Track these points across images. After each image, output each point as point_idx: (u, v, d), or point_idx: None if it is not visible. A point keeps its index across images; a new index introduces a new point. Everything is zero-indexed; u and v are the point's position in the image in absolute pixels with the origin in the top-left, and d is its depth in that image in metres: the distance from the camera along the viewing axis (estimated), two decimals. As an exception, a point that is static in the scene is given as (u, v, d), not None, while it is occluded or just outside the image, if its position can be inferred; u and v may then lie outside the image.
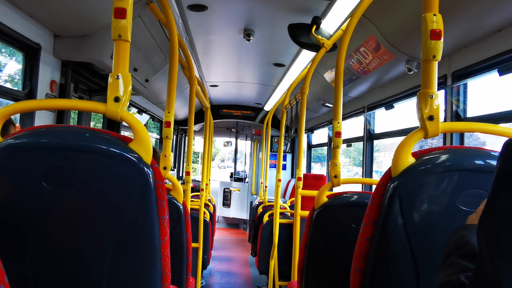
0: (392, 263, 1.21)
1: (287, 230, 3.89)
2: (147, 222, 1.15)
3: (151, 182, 1.14)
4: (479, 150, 1.19)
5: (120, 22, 1.18)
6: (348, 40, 2.10)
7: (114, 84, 1.18)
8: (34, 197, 1.10)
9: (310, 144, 7.38)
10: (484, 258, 0.50)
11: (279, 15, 3.03)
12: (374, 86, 3.75)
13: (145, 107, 5.34)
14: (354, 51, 3.12)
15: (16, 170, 1.09)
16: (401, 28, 2.51)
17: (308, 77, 2.98)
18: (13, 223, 1.10)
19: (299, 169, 3.04)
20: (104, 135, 1.15)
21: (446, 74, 2.61)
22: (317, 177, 4.73)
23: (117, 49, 1.20)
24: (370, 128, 4.20)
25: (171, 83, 2.13)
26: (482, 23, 2.14)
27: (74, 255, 1.14)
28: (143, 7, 2.60)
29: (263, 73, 5.17)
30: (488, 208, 0.53)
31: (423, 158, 1.19)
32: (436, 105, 1.24)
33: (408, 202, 1.16)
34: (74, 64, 2.99)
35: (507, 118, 2.24)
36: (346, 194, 2.00)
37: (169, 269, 1.25)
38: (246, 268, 5.93)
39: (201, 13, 3.05)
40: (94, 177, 1.12)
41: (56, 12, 2.34)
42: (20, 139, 1.09)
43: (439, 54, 1.23)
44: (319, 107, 5.33)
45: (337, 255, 1.99)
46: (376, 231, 1.20)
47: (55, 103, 1.53)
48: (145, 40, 3.25)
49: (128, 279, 1.18)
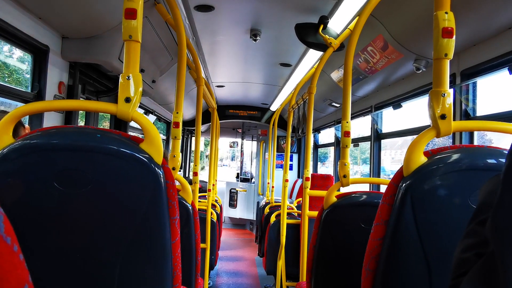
0: (404, 263, 1.20)
1: (295, 231, 3.88)
2: (158, 222, 1.15)
3: (162, 182, 1.14)
4: (492, 149, 1.18)
5: (131, 23, 1.18)
6: (357, 39, 2.09)
7: (125, 84, 1.18)
8: (45, 198, 1.10)
9: (317, 144, 7.37)
10: (493, 250, 0.50)
11: (286, 15, 3.03)
12: (381, 86, 3.74)
13: (152, 108, 5.35)
14: (361, 51, 3.11)
15: (28, 171, 1.09)
16: (409, 27, 2.49)
17: (316, 77, 2.97)
18: (25, 224, 1.10)
19: (307, 169, 3.03)
20: (115, 136, 1.15)
21: (455, 73, 2.59)
22: (324, 177, 4.71)
23: (128, 50, 1.20)
24: (377, 127, 4.18)
25: (179, 84, 2.13)
26: (491, 21, 2.12)
27: (85, 255, 1.14)
28: (150, 8, 2.61)
29: (270, 73, 5.16)
30: (498, 203, 0.52)
31: (435, 157, 1.18)
32: (448, 103, 1.23)
33: (420, 201, 1.15)
34: (82, 66, 3.00)
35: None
36: (355, 194, 1.99)
37: (179, 269, 1.25)
38: (253, 269, 5.93)
39: (208, 14, 3.05)
40: (105, 178, 1.12)
41: (64, 14, 2.35)
42: (32, 140, 1.10)
43: (451, 52, 1.22)
44: (326, 107, 5.31)
45: (346, 255, 1.98)
46: (388, 231, 1.19)
47: (65, 104, 1.53)
48: (152, 41, 3.26)
49: (140, 280, 1.18)
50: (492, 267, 0.50)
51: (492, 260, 0.51)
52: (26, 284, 0.37)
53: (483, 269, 0.53)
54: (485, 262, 0.53)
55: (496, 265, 0.49)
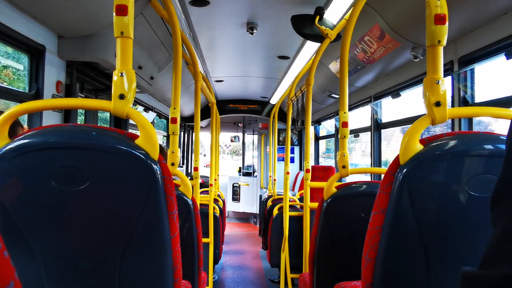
0: (402, 251, 1.20)
1: (297, 223, 3.89)
2: (157, 217, 1.15)
3: (159, 178, 1.14)
4: (488, 135, 1.17)
5: (122, 19, 1.18)
6: (352, 29, 2.09)
7: (119, 81, 1.19)
8: (43, 197, 1.11)
9: (318, 136, 7.36)
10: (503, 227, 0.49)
11: (281, 7, 3.01)
12: (380, 75, 3.73)
13: (151, 105, 5.36)
14: (358, 41, 3.09)
15: (25, 170, 1.10)
16: (405, 15, 2.48)
17: (313, 69, 2.96)
18: (23, 223, 1.11)
19: (307, 161, 3.03)
20: (111, 133, 1.15)
21: (453, 60, 2.58)
22: (325, 169, 4.72)
23: (120, 46, 1.20)
24: (377, 117, 4.18)
25: (176, 80, 2.13)
26: (487, 7, 2.11)
27: (85, 252, 1.15)
28: (145, 4, 2.60)
29: (268, 66, 5.15)
30: (502, 179, 0.52)
31: (432, 144, 1.18)
32: (443, 90, 1.23)
33: (418, 189, 1.15)
34: (79, 64, 3.00)
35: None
36: (355, 184, 1.99)
37: (180, 264, 1.26)
38: (257, 262, 5.95)
39: (204, 8, 3.05)
40: (102, 175, 1.13)
41: (60, 12, 2.35)
42: (28, 139, 1.10)
43: (444, 39, 1.21)
44: (325, 98, 5.30)
45: (347, 245, 1.99)
46: (386, 219, 1.20)
47: (61, 102, 1.53)
48: (149, 37, 3.26)
49: (140, 275, 1.18)
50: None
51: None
52: (12, 280, 0.38)
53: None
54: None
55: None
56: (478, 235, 1.15)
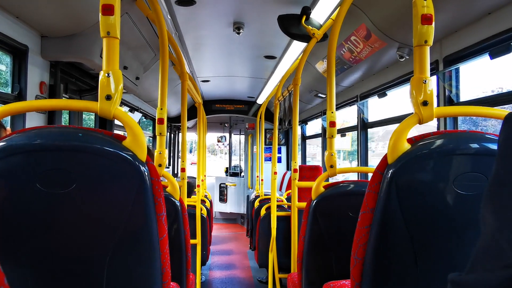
0: (390, 250, 1.21)
1: (285, 223, 3.89)
2: (145, 219, 1.14)
3: (147, 179, 1.13)
4: (474, 134, 1.19)
5: (108, 19, 1.16)
6: (339, 29, 2.09)
7: (105, 82, 1.17)
8: (29, 200, 1.08)
9: (304, 135, 7.38)
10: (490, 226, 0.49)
11: (268, 6, 3.01)
12: (366, 75, 3.75)
13: (137, 105, 5.31)
14: (345, 40, 3.11)
15: (10, 174, 1.07)
16: (391, 15, 2.50)
17: (300, 68, 2.97)
18: (10, 226, 1.09)
19: (295, 161, 3.03)
20: (98, 134, 1.14)
21: (438, 60, 2.61)
22: (312, 168, 4.73)
23: (107, 47, 1.18)
24: (363, 117, 4.20)
25: (163, 80, 2.11)
26: (472, 7, 2.14)
27: (73, 255, 1.13)
28: (130, 3, 2.57)
29: (255, 66, 5.15)
30: (494, 178, 0.52)
31: (419, 143, 1.19)
32: (430, 90, 1.24)
33: (405, 188, 1.16)
34: (63, 65, 2.95)
35: (502, 101, 2.24)
36: (343, 183, 2.00)
37: (169, 266, 1.24)
38: (245, 262, 5.95)
39: (190, 8, 3.02)
40: (89, 177, 1.11)
41: (43, 12, 2.31)
42: (12, 142, 1.08)
43: (431, 39, 1.22)
44: (312, 98, 5.32)
45: (335, 244, 1.99)
46: (374, 218, 1.20)
47: (46, 103, 1.50)
48: (134, 37, 3.22)
49: (128, 277, 1.17)
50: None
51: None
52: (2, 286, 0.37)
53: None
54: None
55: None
56: (465, 233, 1.16)
